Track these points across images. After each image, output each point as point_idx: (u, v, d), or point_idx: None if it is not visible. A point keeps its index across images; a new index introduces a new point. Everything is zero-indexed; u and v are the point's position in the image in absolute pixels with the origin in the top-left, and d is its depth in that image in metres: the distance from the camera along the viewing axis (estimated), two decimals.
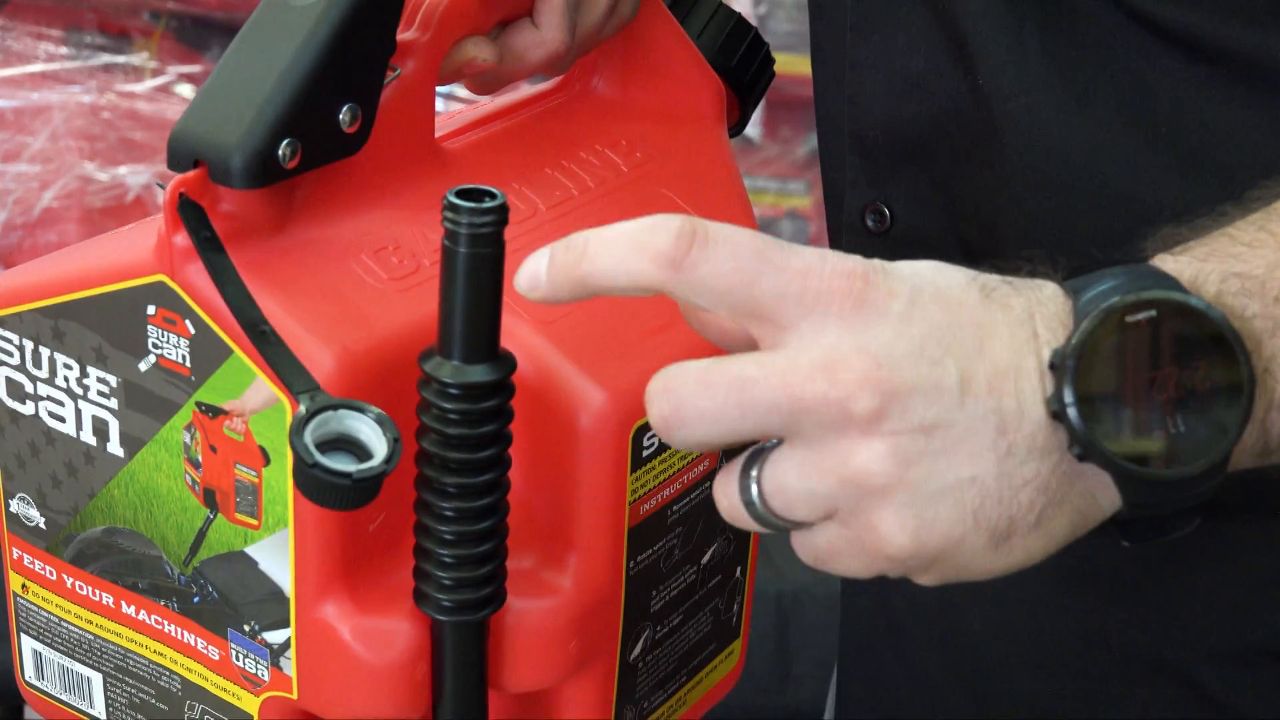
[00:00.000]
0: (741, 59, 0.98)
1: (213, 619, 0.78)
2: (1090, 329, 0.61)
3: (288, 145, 0.72)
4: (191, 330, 0.72)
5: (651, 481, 0.79)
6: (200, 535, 0.76)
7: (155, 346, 0.74)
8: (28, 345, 0.78)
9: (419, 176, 0.80)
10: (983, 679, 0.98)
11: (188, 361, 0.73)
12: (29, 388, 0.79)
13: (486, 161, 0.84)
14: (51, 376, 0.78)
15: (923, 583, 0.65)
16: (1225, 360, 0.62)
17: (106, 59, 2.28)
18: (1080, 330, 0.62)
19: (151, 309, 0.73)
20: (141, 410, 0.76)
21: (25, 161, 2.24)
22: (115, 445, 0.77)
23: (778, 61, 1.00)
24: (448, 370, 0.68)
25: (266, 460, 0.72)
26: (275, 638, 0.76)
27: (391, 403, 0.69)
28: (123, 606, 0.81)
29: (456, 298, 0.67)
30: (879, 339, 0.61)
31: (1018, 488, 0.62)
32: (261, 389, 0.71)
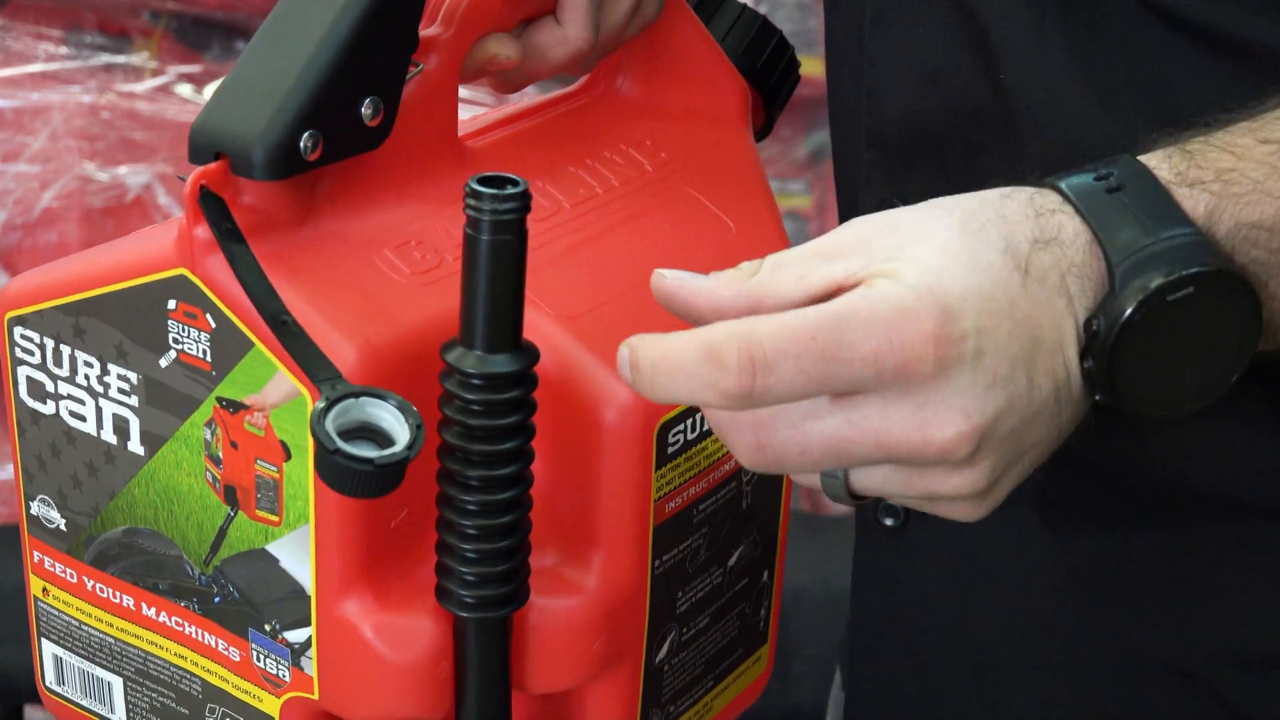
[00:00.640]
0: (767, 61, 0.97)
1: (233, 619, 0.77)
2: (1132, 315, 0.65)
3: (309, 137, 0.71)
4: (212, 324, 0.72)
5: (677, 479, 0.78)
6: (221, 533, 0.76)
7: (176, 342, 0.73)
8: (48, 344, 0.78)
9: (442, 172, 0.79)
10: (993, 680, 0.97)
11: (208, 356, 0.72)
12: (50, 387, 0.78)
13: (509, 159, 0.83)
14: (72, 375, 0.77)
15: None
16: (1244, 316, 0.66)
17: (106, 59, 2.27)
18: (1123, 317, 0.65)
19: (172, 304, 0.73)
20: (162, 407, 0.75)
21: (25, 161, 2.24)
22: (136, 444, 0.77)
23: None
24: (470, 360, 0.68)
25: (287, 455, 0.72)
26: (296, 637, 0.75)
27: (414, 396, 0.68)
28: (143, 608, 0.80)
29: (479, 286, 0.67)
30: (962, 389, 0.63)
31: (1062, 429, 0.67)
32: (282, 382, 0.71)
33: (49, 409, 0.79)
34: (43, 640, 0.85)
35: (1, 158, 2.25)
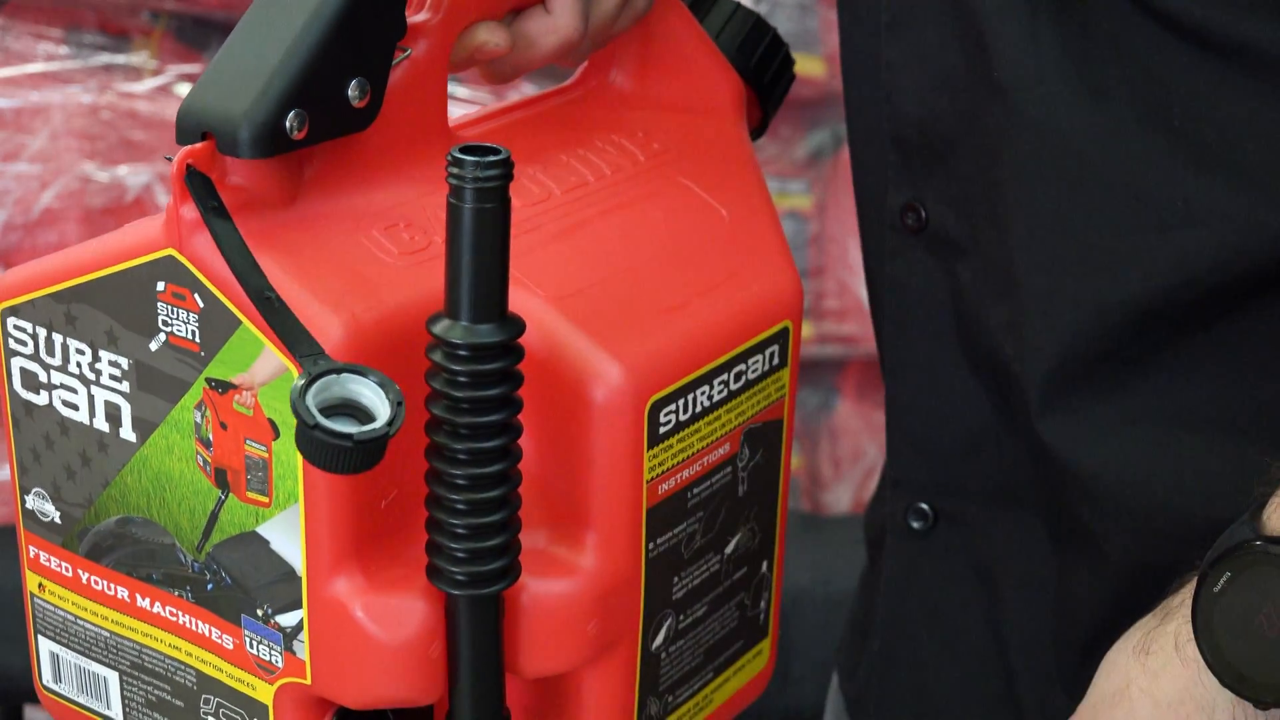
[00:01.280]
0: (761, 59, 0.97)
1: (226, 606, 0.76)
2: (1197, 623, 0.72)
3: (295, 116, 0.71)
4: (200, 304, 0.72)
5: (670, 460, 0.78)
6: (213, 518, 0.75)
7: (165, 324, 0.73)
8: (41, 333, 0.78)
9: (431, 158, 0.79)
10: (1018, 684, 0.96)
11: (197, 337, 0.72)
12: (43, 377, 0.78)
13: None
14: (65, 363, 0.77)
15: None
16: None
17: (106, 59, 2.27)
18: (1195, 627, 0.72)
19: (161, 285, 0.73)
20: (153, 391, 0.75)
21: (25, 161, 2.24)
22: (127, 430, 0.77)
23: None
24: (456, 331, 0.67)
25: (276, 434, 0.71)
26: (288, 620, 0.74)
27: (401, 374, 0.68)
28: (138, 600, 0.80)
29: (463, 255, 0.66)
30: None
31: None
32: (270, 360, 0.70)
33: (42, 399, 0.79)
34: (39, 638, 0.85)
35: (1, 158, 2.25)
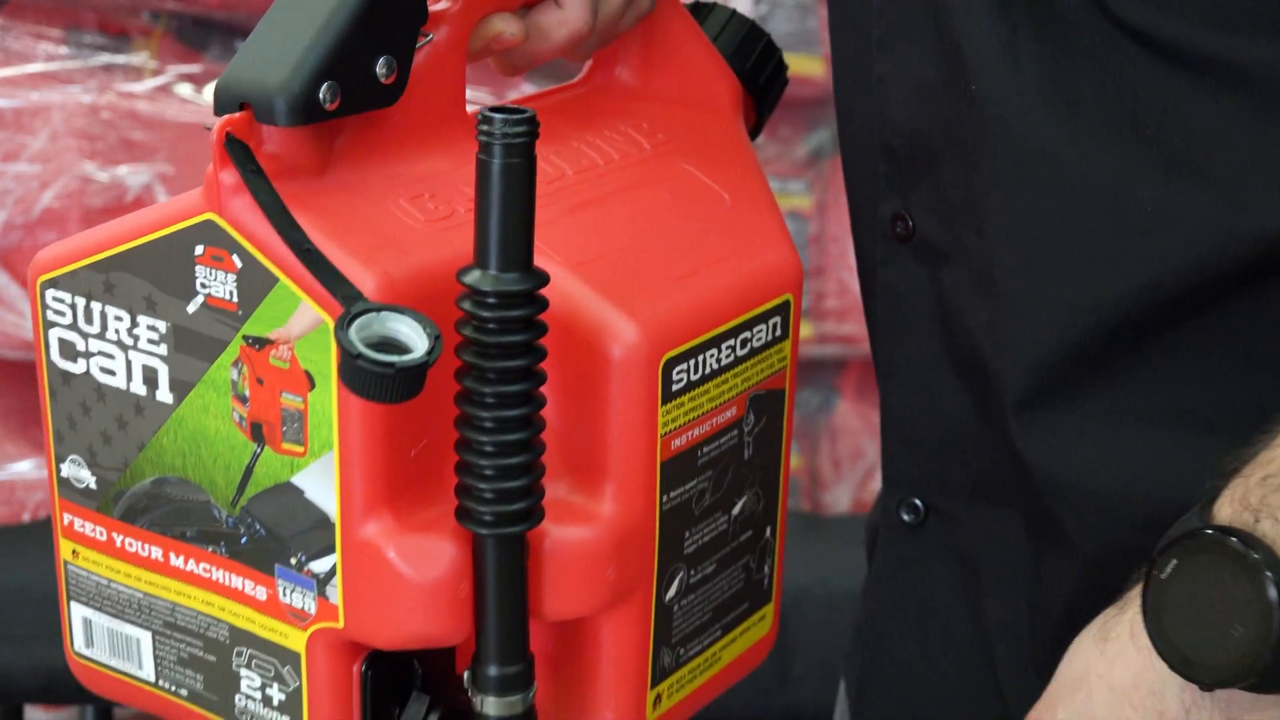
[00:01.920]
0: (755, 64, 1.02)
1: (260, 558, 0.80)
2: (1146, 612, 0.78)
3: (328, 88, 0.76)
4: (238, 264, 0.76)
5: (682, 417, 0.82)
6: (248, 472, 0.79)
7: (203, 286, 0.77)
8: (79, 303, 0.82)
9: (452, 139, 0.84)
10: (1004, 674, 1.00)
11: (235, 296, 0.77)
12: (80, 345, 0.82)
13: None
14: (103, 331, 0.81)
15: None
16: (1238, 565, 0.74)
17: (106, 59, 2.29)
18: (1143, 615, 0.78)
19: (199, 249, 0.77)
20: (190, 353, 0.79)
21: (25, 161, 2.25)
22: (164, 392, 0.80)
23: None
24: (485, 280, 0.72)
25: (312, 384, 0.76)
26: (321, 567, 0.78)
27: None
28: (171, 558, 0.83)
29: (491, 207, 0.71)
30: None
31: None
32: (306, 313, 0.75)
33: (79, 368, 0.83)
34: (72, 604, 0.89)
35: (1, 158, 2.26)
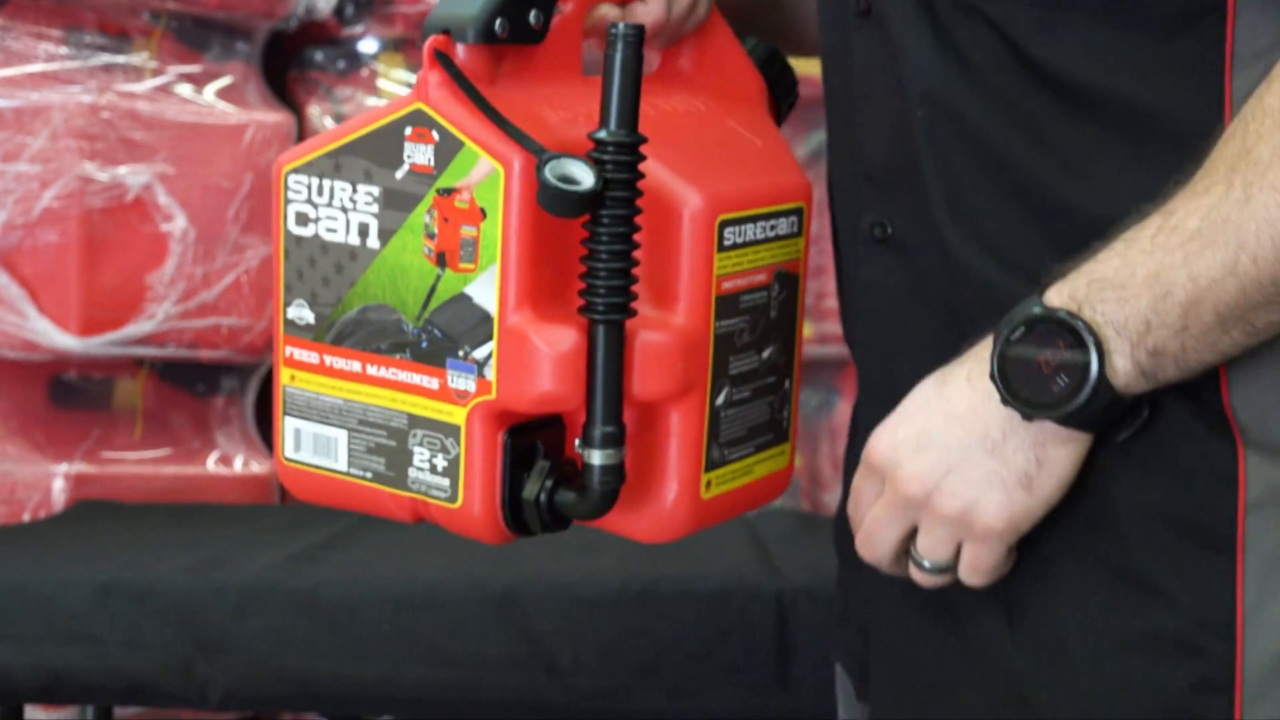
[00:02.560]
0: (775, 79, 1.39)
1: (435, 355, 1.15)
2: (995, 357, 1.09)
3: (500, 23, 1.13)
4: (436, 138, 1.12)
5: (730, 267, 1.17)
6: (431, 291, 1.14)
7: (408, 156, 1.14)
8: (314, 181, 1.18)
9: (571, 80, 1.21)
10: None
11: (432, 161, 1.13)
12: (311, 214, 1.18)
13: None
14: (330, 200, 1.17)
15: (1024, 529, 1.12)
16: (1068, 333, 1.06)
17: (106, 59, 2.37)
18: (991, 358, 1.09)
19: (408, 130, 1.13)
20: (395, 207, 1.15)
21: (25, 161, 2.33)
22: (373, 239, 1.16)
23: None
24: (608, 135, 1.08)
25: (484, 216, 1.11)
26: (481, 353, 1.13)
27: None
28: (367, 368, 1.18)
29: (614, 85, 1.08)
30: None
31: (1014, 457, 1.10)
32: (483, 165, 1.11)
33: (309, 231, 1.19)
34: (286, 419, 1.23)
35: (1, 158, 2.34)
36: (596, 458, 1.13)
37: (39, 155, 2.35)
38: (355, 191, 1.17)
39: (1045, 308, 1.07)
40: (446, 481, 1.16)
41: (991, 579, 1.13)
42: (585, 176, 1.06)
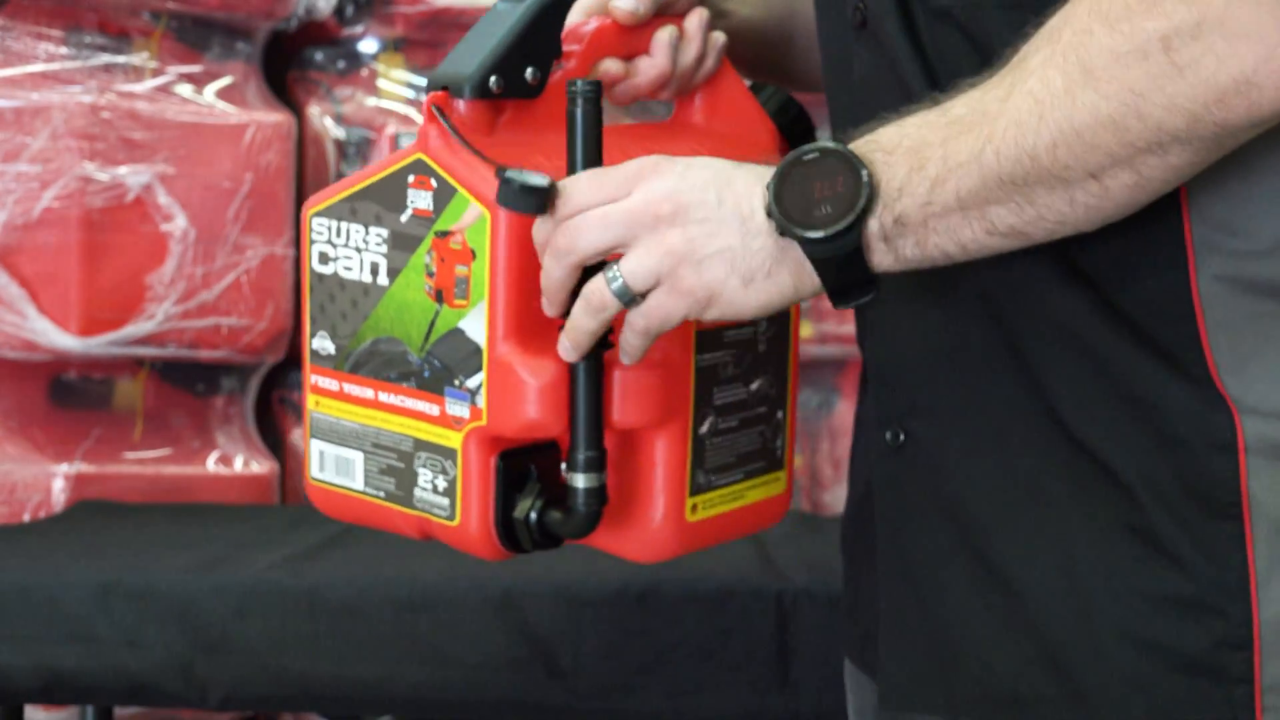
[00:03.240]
0: (789, 126, 1.47)
1: (435, 384, 1.25)
2: (783, 166, 1.13)
3: (496, 80, 1.23)
4: (434, 185, 1.22)
5: None
6: (431, 325, 1.24)
7: (411, 201, 1.24)
8: (333, 225, 1.28)
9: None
10: (995, 557, 1.24)
11: (431, 206, 1.23)
12: (331, 253, 1.29)
13: (614, 138, 1.34)
14: (346, 241, 1.28)
15: (708, 317, 1.14)
16: (852, 174, 1.13)
17: (106, 59, 2.36)
18: (779, 166, 1.13)
19: (411, 177, 1.23)
20: (400, 248, 1.25)
21: (25, 161, 2.32)
22: (383, 277, 1.26)
23: None
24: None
25: (474, 256, 1.21)
26: (473, 382, 1.22)
27: None
28: (379, 395, 1.28)
29: (577, 137, 1.17)
30: (670, 176, 1.15)
31: (754, 251, 1.13)
32: (473, 210, 1.20)
33: (330, 269, 1.29)
34: (313, 441, 1.34)
35: (1, 158, 2.34)
36: (580, 480, 1.22)
37: (39, 155, 2.36)
38: (367, 233, 1.27)
39: (842, 143, 1.14)
40: (446, 501, 1.26)
41: (636, 356, 1.19)
42: (541, 183, 1.15)
